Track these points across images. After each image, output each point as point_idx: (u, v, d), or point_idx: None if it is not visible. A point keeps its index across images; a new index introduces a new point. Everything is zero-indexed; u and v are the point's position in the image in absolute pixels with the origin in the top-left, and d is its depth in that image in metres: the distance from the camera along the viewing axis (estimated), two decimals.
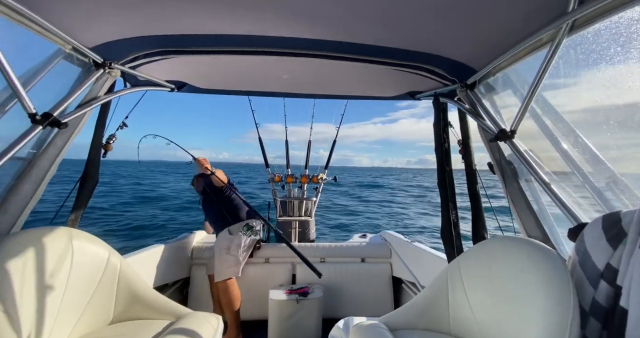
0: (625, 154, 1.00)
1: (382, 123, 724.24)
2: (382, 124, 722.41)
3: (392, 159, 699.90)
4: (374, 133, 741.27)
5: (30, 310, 0.99)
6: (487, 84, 1.41)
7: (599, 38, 0.95)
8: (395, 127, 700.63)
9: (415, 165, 39.12)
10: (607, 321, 0.75)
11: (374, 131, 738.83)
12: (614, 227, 0.78)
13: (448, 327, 1.23)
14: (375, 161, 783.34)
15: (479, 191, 1.52)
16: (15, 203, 1.09)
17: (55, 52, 1.17)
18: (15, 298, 0.94)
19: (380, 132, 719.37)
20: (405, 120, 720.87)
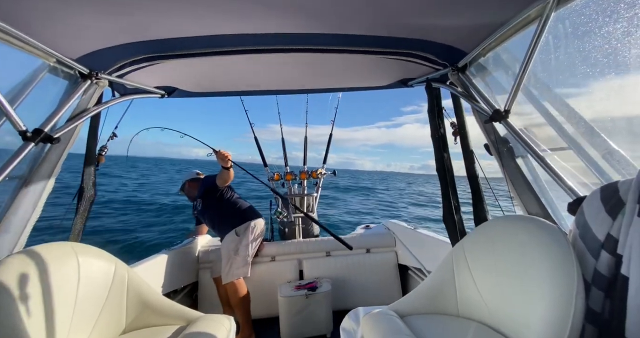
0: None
1: (386, 127, 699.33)
2: (387, 128, 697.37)
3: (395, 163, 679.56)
4: (377, 137, 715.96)
5: (42, 327, 1.00)
6: (478, 66, 1.40)
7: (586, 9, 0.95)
8: (399, 131, 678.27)
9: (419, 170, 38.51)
10: (610, 290, 0.76)
11: (378, 135, 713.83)
12: (612, 198, 0.78)
13: (456, 309, 1.25)
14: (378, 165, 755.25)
15: (477, 173, 1.52)
16: (16, 222, 1.09)
17: (40, 66, 1.15)
18: (26, 317, 0.95)
19: (384, 136, 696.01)
20: (409, 125, 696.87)
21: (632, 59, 0.91)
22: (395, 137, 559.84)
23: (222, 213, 2.21)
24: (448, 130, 1.61)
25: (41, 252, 1.10)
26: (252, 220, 2.21)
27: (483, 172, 1.53)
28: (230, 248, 2.10)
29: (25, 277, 0.99)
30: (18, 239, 1.10)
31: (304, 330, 1.99)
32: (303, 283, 2.16)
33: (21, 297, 0.96)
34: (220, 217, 2.23)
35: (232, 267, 2.04)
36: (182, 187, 2.46)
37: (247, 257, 2.10)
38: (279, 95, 2.52)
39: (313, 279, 2.22)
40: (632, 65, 0.91)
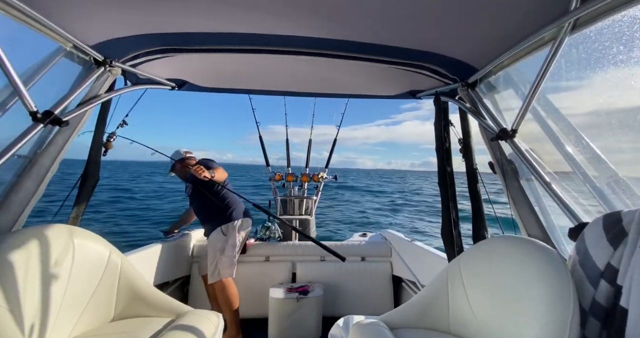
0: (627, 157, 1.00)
1: (385, 125, 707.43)
2: (386, 126, 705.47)
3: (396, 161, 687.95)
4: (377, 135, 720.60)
5: (32, 307, 1.00)
6: (488, 83, 1.40)
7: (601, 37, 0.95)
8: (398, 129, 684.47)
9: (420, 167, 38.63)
10: (607, 321, 0.75)
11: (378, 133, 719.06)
12: (614, 227, 0.78)
13: (448, 326, 1.23)
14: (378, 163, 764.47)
15: (479, 191, 1.52)
16: (17, 201, 1.09)
17: (56, 50, 1.17)
18: (17, 296, 0.95)
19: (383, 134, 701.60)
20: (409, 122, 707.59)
21: None
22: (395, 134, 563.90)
23: (210, 207, 2.14)
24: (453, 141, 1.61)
25: (38, 232, 1.10)
26: (240, 218, 2.15)
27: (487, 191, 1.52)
28: (217, 247, 2.05)
29: (20, 256, 1.00)
30: (17, 218, 1.10)
31: (293, 333, 1.97)
32: (295, 286, 2.15)
33: (14, 275, 0.96)
34: (208, 210, 2.16)
35: (217, 267, 2.01)
36: (172, 167, 2.35)
37: (233, 257, 2.06)
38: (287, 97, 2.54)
39: (305, 283, 2.21)
40: None
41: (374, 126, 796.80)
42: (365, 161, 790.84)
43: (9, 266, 0.96)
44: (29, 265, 1.02)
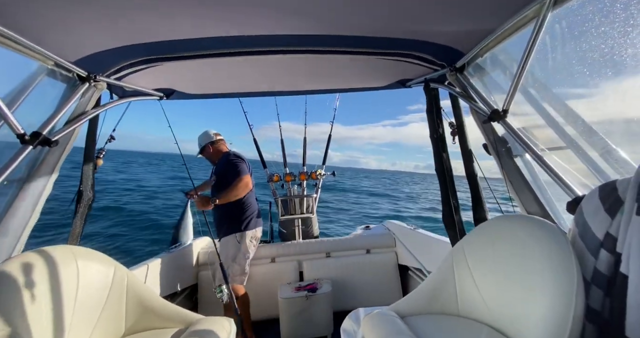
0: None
1: (392, 126, 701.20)
2: (392, 127, 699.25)
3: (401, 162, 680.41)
4: (383, 135, 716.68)
5: (41, 331, 0.99)
6: (476, 66, 1.41)
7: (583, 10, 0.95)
8: (405, 130, 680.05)
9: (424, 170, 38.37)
10: (609, 288, 0.76)
11: (384, 133, 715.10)
12: (610, 197, 0.78)
13: (457, 309, 1.25)
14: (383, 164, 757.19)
15: (476, 173, 1.53)
16: (14, 225, 1.08)
17: (37, 69, 1.15)
18: (25, 321, 0.94)
19: (389, 135, 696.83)
20: (415, 124, 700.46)
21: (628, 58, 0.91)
22: (400, 135, 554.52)
23: (229, 210, 2.05)
24: (447, 130, 1.62)
25: (40, 255, 1.09)
26: (256, 228, 2.11)
27: (482, 171, 1.53)
28: (229, 254, 2.03)
29: (24, 281, 0.99)
30: (16, 243, 1.09)
31: (305, 331, 1.98)
32: (303, 284, 2.16)
33: (20, 301, 0.95)
34: (227, 214, 2.07)
35: (231, 273, 1.99)
36: (202, 149, 2.24)
37: (245, 266, 2.05)
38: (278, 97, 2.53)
39: (313, 280, 2.22)
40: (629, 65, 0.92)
41: (380, 126, 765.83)
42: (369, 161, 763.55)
43: (14, 292, 0.95)
44: (33, 289, 1.01)
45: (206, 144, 2.25)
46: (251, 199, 2.14)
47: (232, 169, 2.02)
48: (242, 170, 2.02)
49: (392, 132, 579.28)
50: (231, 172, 2.01)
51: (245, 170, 2.04)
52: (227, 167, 2.06)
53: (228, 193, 1.96)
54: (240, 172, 2.01)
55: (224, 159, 2.13)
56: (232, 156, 2.11)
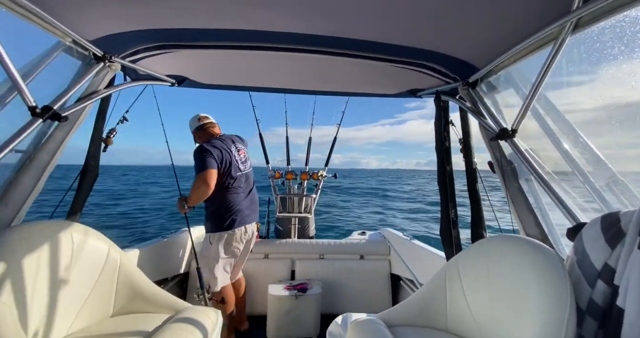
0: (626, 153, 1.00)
1: (390, 124, 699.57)
2: (390, 126, 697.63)
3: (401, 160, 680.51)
4: (382, 135, 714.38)
5: (31, 302, 1.00)
6: (489, 83, 1.40)
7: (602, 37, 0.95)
8: (403, 128, 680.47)
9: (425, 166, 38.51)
10: (604, 320, 0.75)
11: (382, 133, 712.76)
12: (612, 227, 0.78)
13: (445, 324, 1.24)
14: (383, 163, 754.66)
15: (478, 190, 1.52)
16: (16, 196, 1.09)
17: (55, 44, 1.16)
18: (16, 291, 0.95)
19: (388, 134, 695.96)
20: (413, 122, 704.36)
21: None
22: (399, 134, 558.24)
23: (207, 207, 1.85)
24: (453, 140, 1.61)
25: (37, 227, 1.10)
26: (230, 230, 1.82)
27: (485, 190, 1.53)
28: (203, 254, 1.86)
29: (19, 251, 1.00)
30: (16, 213, 1.10)
31: (291, 331, 1.98)
32: (294, 283, 2.15)
33: (14, 271, 0.96)
34: (206, 209, 1.88)
35: (209, 275, 1.83)
36: (194, 140, 2.04)
37: (214, 270, 1.82)
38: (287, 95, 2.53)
39: (304, 280, 2.22)
40: None
41: (379, 126, 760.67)
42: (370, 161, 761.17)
43: (8, 261, 0.96)
44: (28, 260, 1.02)
45: (193, 132, 2.01)
46: (232, 197, 1.84)
47: (195, 163, 1.75)
48: (201, 166, 1.70)
49: (391, 130, 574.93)
50: (195, 167, 1.74)
51: (207, 164, 1.70)
52: (194, 160, 1.76)
53: (190, 196, 1.74)
54: (199, 168, 1.70)
55: (195, 150, 1.81)
56: (202, 146, 1.78)
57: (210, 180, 1.70)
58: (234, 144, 1.95)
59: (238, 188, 1.88)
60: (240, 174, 1.90)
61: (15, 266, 0.97)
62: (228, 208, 1.84)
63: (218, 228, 1.83)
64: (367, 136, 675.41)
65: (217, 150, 1.80)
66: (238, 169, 1.88)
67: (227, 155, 1.84)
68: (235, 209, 1.86)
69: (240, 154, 1.95)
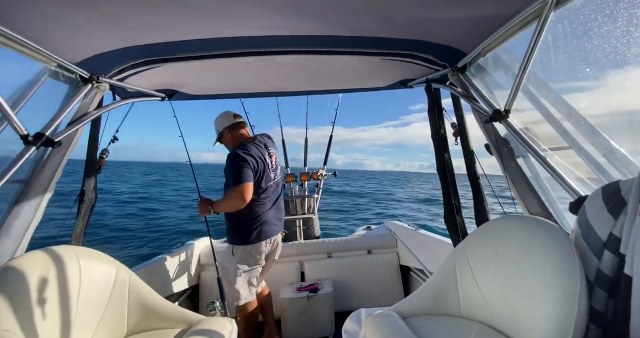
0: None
1: (394, 126, 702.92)
2: (394, 128, 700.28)
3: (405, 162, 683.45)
4: (385, 136, 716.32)
5: (44, 332, 0.99)
6: (478, 66, 1.40)
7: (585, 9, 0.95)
8: (407, 130, 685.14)
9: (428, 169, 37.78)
10: (613, 289, 0.76)
11: (386, 134, 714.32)
12: (613, 197, 0.78)
13: (459, 310, 1.24)
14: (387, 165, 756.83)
15: (477, 173, 1.52)
16: (17, 226, 1.09)
17: (40, 70, 1.16)
18: (28, 321, 0.95)
19: (392, 136, 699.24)
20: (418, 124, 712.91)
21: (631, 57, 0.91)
22: (403, 136, 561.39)
23: (230, 217, 1.73)
24: (449, 131, 1.61)
25: (42, 255, 1.10)
26: (254, 243, 1.71)
27: (484, 171, 1.53)
28: (223, 265, 1.80)
29: (27, 281, 0.99)
30: (19, 243, 1.10)
31: (307, 332, 1.98)
32: (304, 285, 2.16)
33: (22, 301, 0.96)
34: (228, 219, 1.75)
35: (230, 287, 1.74)
36: (219, 136, 1.83)
37: (235, 283, 1.72)
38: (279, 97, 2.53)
39: (315, 281, 2.22)
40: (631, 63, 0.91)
41: (383, 127, 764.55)
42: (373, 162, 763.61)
43: (17, 292, 0.96)
44: (35, 289, 1.01)
45: (223, 130, 1.79)
46: (258, 207, 1.71)
47: (231, 173, 1.63)
48: (239, 178, 1.58)
49: (395, 132, 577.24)
50: (230, 177, 1.64)
51: (246, 176, 1.59)
52: (228, 168, 1.65)
53: (221, 204, 1.66)
54: (236, 179, 1.58)
55: (229, 155, 1.67)
56: (239, 154, 1.63)
57: (247, 194, 1.57)
58: (267, 149, 1.78)
59: (266, 198, 1.74)
60: (271, 184, 1.76)
61: (23, 296, 0.96)
62: (254, 219, 1.70)
63: (243, 241, 1.71)
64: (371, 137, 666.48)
65: (254, 160, 1.64)
66: (269, 179, 1.74)
67: (262, 164, 1.68)
68: (262, 221, 1.72)
69: (272, 160, 1.79)
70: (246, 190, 1.57)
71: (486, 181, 1.51)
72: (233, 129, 1.80)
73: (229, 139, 1.80)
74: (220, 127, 1.81)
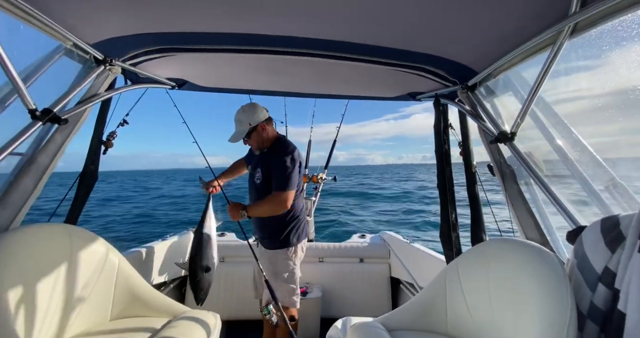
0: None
1: (394, 119, 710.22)
2: (395, 120, 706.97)
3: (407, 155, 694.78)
4: (386, 130, 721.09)
5: (29, 306, 0.99)
6: (487, 86, 1.41)
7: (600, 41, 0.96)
8: (408, 122, 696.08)
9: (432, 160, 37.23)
10: (605, 324, 0.75)
11: (387, 128, 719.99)
12: (612, 231, 0.78)
13: (445, 328, 1.23)
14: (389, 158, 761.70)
15: (478, 193, 1.52)
16: (15, 198, 1.09)
17: (56, 48, 1.16)
18: (14, 295, 0.94)
19: (393, 129, 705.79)
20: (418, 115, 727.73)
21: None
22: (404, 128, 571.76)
23: (279, 218, 1.64)
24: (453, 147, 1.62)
25: (35, 230, 1.10)
26: (304, 239, 1.77)
27: (485, 192, 1.53)
28: (279, 269, 1.66)
29: (17, 254, 0.99)
30: (15, 216, 1.09)
31: None
32: None
33: (10, 274, 0.95)
34: (275, 221, 1.65)
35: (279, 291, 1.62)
36: (252, 130, 1.65)
37: (297, 286, 1.70)
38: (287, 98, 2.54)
39: (304, 284, 2.20)
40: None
41: (383, 121, 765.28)
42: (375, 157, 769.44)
43: (6, 264, 0.95)
44: (26, 263, 1.01)
45: (260, 124, 1.64)
46: (300, 205, 1.73)
47: (279, 176, 1.54)
48: (288, 183, 1.53)
49: (395, 125, 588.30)
50: (276, 180, 1.55)
51: (294, 183, 1.55)
52: (276, 169, 1.56)
53: (259, 209, 1.60)
54: (285, 185, 1.53)
55: (279, 156, 1.58)
56: (291, 156, 1.56)
57: (290, 202, 1.54)
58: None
59: (302, 196, 1.78)
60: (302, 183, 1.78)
61: (12, 269, 0.96)
62: (298, 217, 1.71)
63: (297, 241, 1.69)
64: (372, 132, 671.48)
65: (300, 160, 1.63)
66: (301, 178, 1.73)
67: (301, 163, 1.66)
68: (303, 217, 1.75)
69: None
70: (290, 198, 1.55)
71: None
72: (269, 123, 1.70)
73: (268, 133, 1.67)
74: (256, 120, 1.64)
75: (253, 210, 1.60)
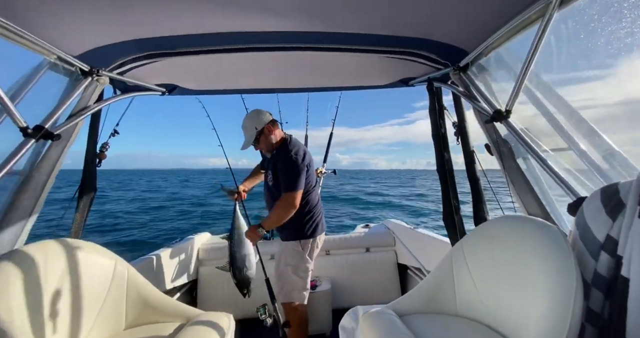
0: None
1: (398, 124, 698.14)
2: (399, 126, 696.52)
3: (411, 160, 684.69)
4: (390, 135, 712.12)
5: (42, 324, 1.00)
6: (480, 65, 1.40)
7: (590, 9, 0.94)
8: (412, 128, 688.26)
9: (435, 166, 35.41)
10: (610, 291, 0.76)
11: (391, 133, 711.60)
12: (612, 199, 0.78)
13: (455, 309, 1.25)
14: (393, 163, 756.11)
15: (477, 173, 1.52)
16: (16, 219, 1.09)
17: (41, 63, 1.15)
18: (26, 313, 0.95)
19: (397, 134, 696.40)
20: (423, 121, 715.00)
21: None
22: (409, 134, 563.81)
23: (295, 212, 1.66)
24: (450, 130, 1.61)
25: (41, 248, 1.10)
26: (321, 234, 1.77)
27: (484, 172, 1.53)
28: (289, 262, 1.70)
29: (25, 274, 1.00)
30: (18, 236, 1.10)
31: None
32: None
33: (20, 293, 0.96)
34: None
35: (287, 286, 1.69)
36: (259, 134, 1.68)
37: (307, 280, 1.71)
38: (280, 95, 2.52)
39: (313, 278, 2.22)
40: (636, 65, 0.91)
41: (387, 126, 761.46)
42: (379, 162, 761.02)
43: (15, 284, 0.96)
44: (35, 281, 1.02)
45: (266, 126, 1.67)
46: (315, 199, 1.75)
47: (285, 177, 1.57)
48: (295, 184, 1.56)
49: (400, 131, 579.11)
50: (284, 182, 1.58)
51: (301, 183, 1.58)
52: (282, 170, 1.60)
53: (274, 220, 1.61)
54: (293, 185, 1.55)
55: (283, 157, 1.63)
56: (294, 156, 1.59)
57: (298, 201, 1.58)
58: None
59: (316, 190, 1.79)
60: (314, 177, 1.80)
61: (21, 288, 0.97)
62: (312, 210, 1.72)
63: (311, 234, 1.70)
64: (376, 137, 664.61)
65: (305, 158, 1.65)
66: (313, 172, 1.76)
67: (309, 158, 1.70)
68: (319, 211, 1.77)
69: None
70: (299, 197, 1.59)
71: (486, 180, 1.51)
72: (274, 125, 1.74)
73: (274, 134, 1.71)
74: (261, 123, 1.69)
75: (268, 223, 1.64)
